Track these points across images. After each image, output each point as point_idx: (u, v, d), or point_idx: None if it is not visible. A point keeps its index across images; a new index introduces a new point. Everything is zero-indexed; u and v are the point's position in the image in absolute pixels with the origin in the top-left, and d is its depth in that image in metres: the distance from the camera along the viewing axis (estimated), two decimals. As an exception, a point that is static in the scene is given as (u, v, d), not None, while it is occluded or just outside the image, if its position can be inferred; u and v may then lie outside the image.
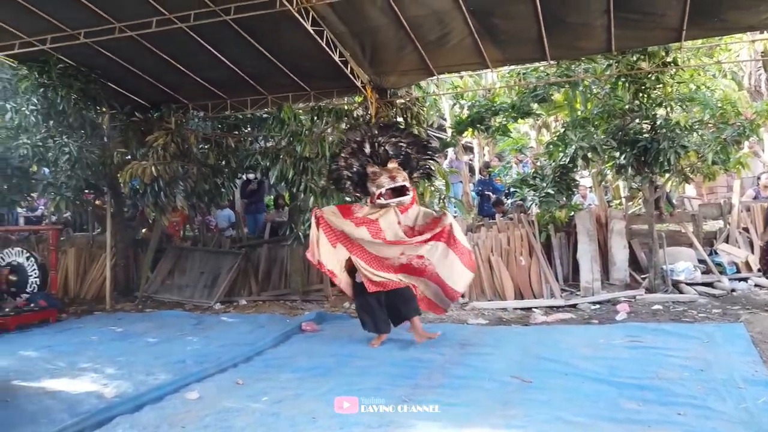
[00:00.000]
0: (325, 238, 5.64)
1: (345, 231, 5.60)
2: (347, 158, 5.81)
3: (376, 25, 6.71)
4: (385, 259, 5.55)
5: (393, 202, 5.57)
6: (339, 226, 5.63)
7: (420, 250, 5.54)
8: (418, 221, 5.71)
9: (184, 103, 9.10)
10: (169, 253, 9.83)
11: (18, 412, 4.13)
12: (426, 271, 5.57)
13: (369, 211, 5.67)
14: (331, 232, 5.65)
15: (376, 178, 5.54)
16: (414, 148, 5.90)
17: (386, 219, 5.59)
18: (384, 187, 5.50)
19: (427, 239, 5.53)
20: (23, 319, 7.43)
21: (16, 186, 8.98)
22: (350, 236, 5.60)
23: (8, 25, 7.10)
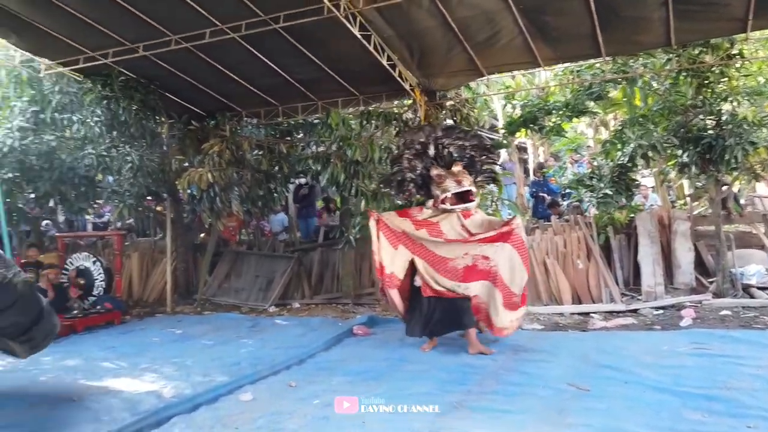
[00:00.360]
0: (386, 241, 5.54)
1: (406, 231, 5.50)
2: (411, 159, 5.73)
3: (424, 27, 6.67)
4: (449, 259, 5.36)
5: (458, 208, 5.45)
6: (399, 226, 5.54)
7: (485, 250, 5.34)
8: (483, 228, 5.52)
9: (237, 110, 9.33)
10: (225, 257, 10.09)
11: (83, 410, 4.31)
12: (490, 273, 5.34)
13: (430, 214, 5.57)
14: (391, 234, 5.55)
15: (442, 182, 5.41)
16: (478, 151, 5.80)
17: (448, 222, 5.47)
18: (450, 191, 5.38)
19: (492, 237, 5.33)
20: (90, 321, 7.78)
21: (83, 194, 9.44)
22: (411, 236, 5.49)
23: (74, 41, 7.48)
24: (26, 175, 9.02)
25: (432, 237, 5.42)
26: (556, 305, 7.47)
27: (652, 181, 10.83)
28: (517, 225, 5.43)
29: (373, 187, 8.18)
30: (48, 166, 8.98)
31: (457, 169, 5.50)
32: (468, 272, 5.35)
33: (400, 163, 5.81)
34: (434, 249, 5.43)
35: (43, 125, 9.14)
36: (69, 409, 4.35)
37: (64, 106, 8.96)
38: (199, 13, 6.58)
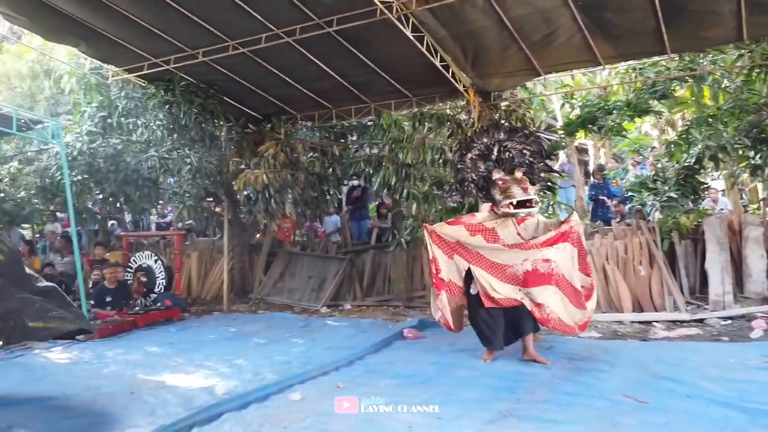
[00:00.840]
0: (440, 251, 5.43)
1: (460, 240, 5.35)
2: (475, 160, 5.59)
3: (478, 27, 6.56)
4: (507, 266, 5.17)
5: (522, 212, 5.24)
6: (453, 236, 5.40)
7: (546, 252, 5.13)
8: (539, 232, 5.33)
9: (292, 114, 9.49)
10: (279, 258, 10.27)
11: (140, 403, 4.46)
12: (553, 275, 5.12)
13: (485, 218, 5.39)
14: (445, 245, 5.43)
15: (506, 187, 5.21)
16: (537, 157, 5.63)
17: (504, 228, 5.29)
18: (515, 199, 5.15)
19: (554, 239, 5.14)
20: (150, 317, 8.08)
21: (146, 195, 9.83)
22: (466, 244, 5.34)
23: (139, 49, 7.81)
24: (94, 176, 9.47)
25: (488, 243, 5.26)
26: (616, 313, 7.18)
27: (722, 184, 10.26)
28: (575, 222, 5.24)
29: (425, 190, 8.14)
30: (114, 168, 9.40)
31: (519, 176, 5.33)
32: (528, 277, 5.13)
33: (464, 162, 5.69)
34: (491, 257, 5.26)
35: (110, 129, 9.59)
36: (127, 401, 4.51)
37: (130, 110, 9.36)
38: (256, 18, 6.73)
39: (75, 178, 9.05)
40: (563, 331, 5.25)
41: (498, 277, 5.17)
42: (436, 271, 5.44)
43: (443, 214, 7.82)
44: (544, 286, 5.09)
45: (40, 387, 4.98)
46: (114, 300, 8.16)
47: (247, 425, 3.90)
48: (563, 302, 5.12)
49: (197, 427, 3.85)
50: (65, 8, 6.80)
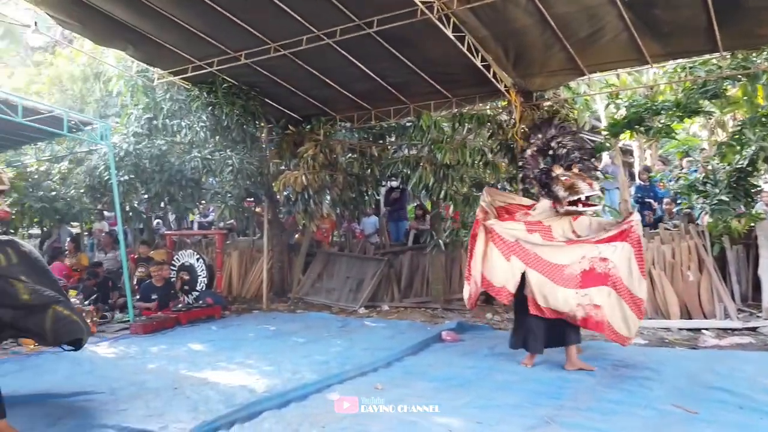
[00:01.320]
0: (498, 252, 5.13)
1: (519, 239, 5.13)
2: (535, 156, 5.45)
3: (520, 26, 6.45)
4: (564, 266, 4.95)
5: (589, 211, 5.13)
6: (512, 234, 5.15)
7: (604, 250, 4.93)
8: (591, 231, 5.17)
9: (332, 115, 9.54)
10: (318, 258, 10.34)
11: (183, 398, 4.55)
12: (609, 276, 4.92)
13: (541, 215, 5.22)
14: (504, 245, 5.13)
15: (571, 183, 5.04)
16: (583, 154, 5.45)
17: (560, 226, 5.15)
18: (583, 194, 4.99)
19: (611, 237, 4.96)
20: (193, 315, 8.24)
21: (189, 195, 10.06)
22: (525, 244, 5.08)
23: (183, 52, 7.99)
24: (140, 176, 9.75)
25: (546, 241, 5.08)
26: (662, 319, 6.95)
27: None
28: (636, 222, 5.03)
29: (464, 191, 8.06)
30: (159, 168, 9.65)
31: (578, 171, 5.16)
32: (585, 277, 4.93)
33: (524, 158, 5.56)
34: (549, 256, 5.02)
35: (156, 131, 9.86)
36: (171, 396, 4.60)
37: (174, 112, 9.59)
38: (297, 21, 6.80)
39: (122, 177, 9.31)
40: (614, 339, 5.00)
41: (554, 280, 4.94)
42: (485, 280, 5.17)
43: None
44: (600, 287, 4.89)
45: (87, 380, 5.13)
46: (159, 297, 8.37)
47: (286, 424, 3.92)
48: (620, 306, 4.90)
49: (238, 423, 3.89)
50: (115, 13, 7.01)
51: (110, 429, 3.85)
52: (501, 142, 7.85)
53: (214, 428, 3.79)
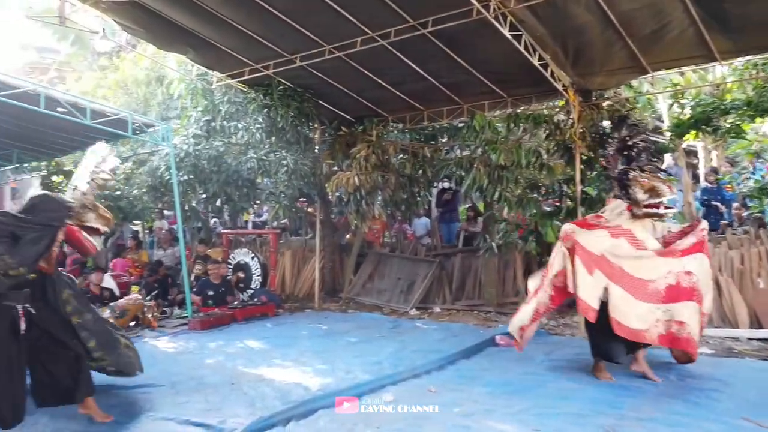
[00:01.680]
0: (582, 266, 4.77)
1: (605, 252, 4.79)
2: (615, 156, 5.32)
3: (580, 23, 6.26)
4: (650, 282, 4.67)
5: (670, 214, 5.01)
6: (598, 246, 4.81)
7: (688, 264, 4.70)
8: (657, 235, 4.97)
9: (384, 116, 9.55)
10: (369, 258, 10.38)
11: (240, 394, 4.66)
12: (694, 292, 4.66)
13: (618, 219, 4.96)
14: (588, 257, 4.78)
15: (652, 185, 4.87)
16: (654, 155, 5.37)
17: (643, 230, 4.93)
18: (665, 197, 4.82)
19: (694, 247, 4.74)
20: (248, 312, 8.42)
21: (245, 195, 10.29)
22: (611, 257, 4.76)
23: (241, 55, 8.17)
24: (199, 177, 10.04)
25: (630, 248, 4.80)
26: (730, 328, 6.61)
27: None
28: (705, 228, 4.83)
29: (518, 193, 7.91)
30: (217, 169, 9.92)
31: (652, 173, 4.97)
32: (671, 292, 4.66)
33: (606, 157, 5.50)
34: (634, 272, 4.71)
35: (214, 132, 10.12)
36: (228, 392, 4.72)
37: (231, 114, 9.82)
38: (352, 22, 6.83)
39: (181, 178, 9.61)
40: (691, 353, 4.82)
41: (637, 296, 4.67)
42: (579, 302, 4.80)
43: (538, 218, 7.57)
44: (685, 302, 4.64)
45: (149, 373, 5.23)
46: (216, 294, 8.60)
47: (340, 423, 3.95)
48: (698, 320, 4.69)
49: (294, 421, 3.95)
50: (177, 19, 7.24)
51: (171, 421, 3.98)
52: (558, 143, 7.65)
53: (271, 424, 3.86)
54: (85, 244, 4.00)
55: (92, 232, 4.06)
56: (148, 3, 6.84)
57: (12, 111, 7.95)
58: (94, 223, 4.04)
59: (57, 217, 3.82)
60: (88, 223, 4.00)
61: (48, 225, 3.74)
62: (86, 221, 4.00)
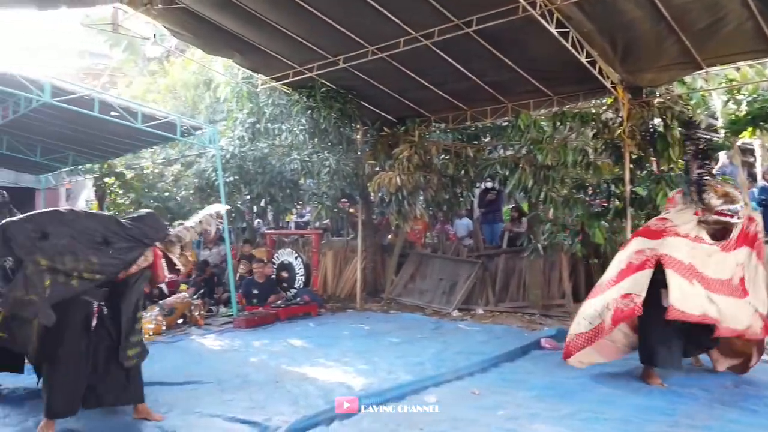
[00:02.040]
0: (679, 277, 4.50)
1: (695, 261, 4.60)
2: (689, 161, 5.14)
3: (630, 18, 6.07)
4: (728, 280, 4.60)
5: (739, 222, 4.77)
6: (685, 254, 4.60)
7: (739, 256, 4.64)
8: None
9: (426, 116, 9.51)
10: (411, 259, 10.36)
11: (284, 392, 4.72)
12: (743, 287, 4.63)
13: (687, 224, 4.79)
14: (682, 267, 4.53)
15: (725, 191, 4.79)
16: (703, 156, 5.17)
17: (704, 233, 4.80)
18: (739, 203, 4.72)
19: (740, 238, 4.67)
20: (291, 311, 8.53)
21: (288, 195, 10.44)
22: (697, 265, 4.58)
23: (285, 58, 8.29)
24: (244, 178, 10.24)
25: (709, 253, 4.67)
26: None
27: None
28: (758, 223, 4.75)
29: (564, 193, 7.75)
30: (261, 170, 10.09)
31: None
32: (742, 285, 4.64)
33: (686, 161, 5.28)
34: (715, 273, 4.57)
35: (258, 134, 10.30)
36: (273, 390, 4.79)
37: (275, 116, 9.97)
38: (395, 23, 6.83)
39: (227, 179, 9.82)
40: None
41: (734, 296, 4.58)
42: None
43: (584, 218, 7.39)
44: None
45: (196, 370, 5.44)
46: (260, 293, 8.75)
47: (384, 423, 3.95)
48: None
49: (338, 420, 3.97)
50: (224, 24, 7.40)
51: (218, 418, 4.05)
52: (606, 142, 7.45)
53: (315, 423, 3.89)
54: (159, 271, 4.09)
55: (170, 266, 4.15)
56: (197, 9, 7.02)
57: (68, 115, 8.31)
58: (176, 259, 4.14)
59: (153, 236, 3.97)
60: (171, 255, 4.10)
61: (141, 240, 3.88)
62: (172, 252, 4.11)
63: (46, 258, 3.45)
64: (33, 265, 3.41)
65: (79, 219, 3.76)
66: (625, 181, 7.09)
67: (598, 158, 7.73)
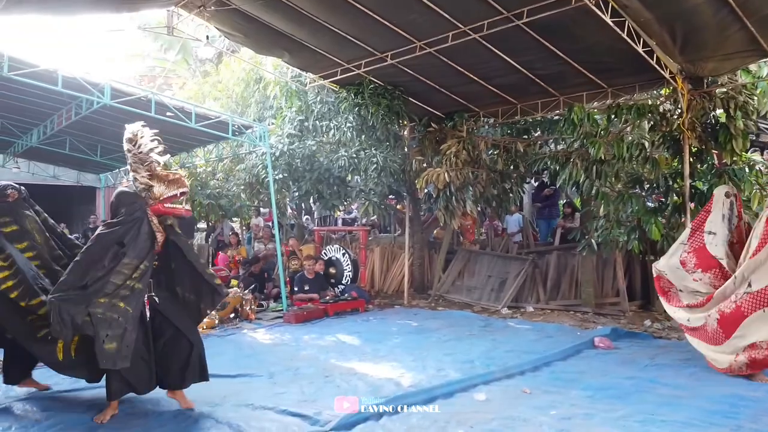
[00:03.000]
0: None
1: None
2: None
3: (691, 6, 5.79)
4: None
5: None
6: None
7: None
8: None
9: (475, 111, 9.40)
10: (459, 256, 10.26)
11: (333, 387, 4.76)
12: None
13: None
14: None
15: None
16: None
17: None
18: None
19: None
20: (339, 307, 8.60)
21: (336, 192, 10.51)
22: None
23: (334, 56, 8.35)
24: (292, 175, 10.38)
25: None
26: None
27: None
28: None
29: (619, 188, 7.51)
30: (309, 167, 10.20)
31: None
32: None
33: None
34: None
35: (307, 132, 10.42)
36: (322, 384, 4.84)
37: (323, 114, 10.07)
38: (443, 17, 6.76)
39: (277, 176, 9.97)
40: None
41: None
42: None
43: (641, 214, 7.13)
44: None
45: (249, 363, 5.56)
46: (311, 289, 8.86)
47: (433, 420, 3.93)
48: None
49: (387, 416, 3.97)
50: (273, 23, 7.51)
51: (270, 411, 4.12)
52: (664, 135, 7.16)
53: (364, 418, 3.91)
54: (175, 213, 4.07)
55: (175, 199, 4.06)
56: (247, 9, 7.15)
57: (126, 116, 8.59)
58: (170, 192, 4.03)
59: (135, 208, 3.90)
60: (165, 196, 4.01)
61: (133, 219, 3.86)
62: (162, 195, 4.00)
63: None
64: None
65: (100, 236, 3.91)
66: (684, 175, 6.80)
67: (656, 152, 7.44)
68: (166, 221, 4.05)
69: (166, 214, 4.05)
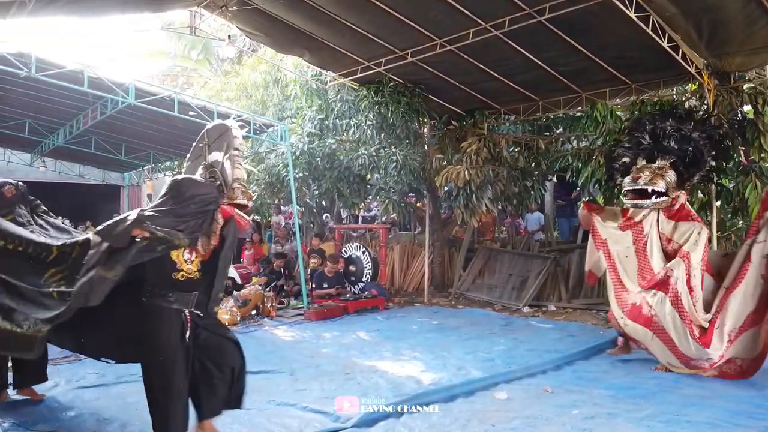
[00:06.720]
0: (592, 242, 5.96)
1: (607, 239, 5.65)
2: (626, 148, 5.74)
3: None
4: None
5: (629, 204, 5.37)
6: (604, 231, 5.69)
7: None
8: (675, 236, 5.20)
9: (496, 108, 9.34)
10: (479, 254, 10.21)
11: (354, 384, 4.79)
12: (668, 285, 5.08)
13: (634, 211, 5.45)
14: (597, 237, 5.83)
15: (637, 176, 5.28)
16: (708, 145, 5.49)
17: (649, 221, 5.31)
18: (624, 188, 5.38)
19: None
20: (358, 305, 8.62)
21: (356, 190, 10.54)
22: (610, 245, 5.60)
23: (354, 54, 8.36)
24: (312, 174, 10.43)
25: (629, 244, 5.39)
26: None
27: None
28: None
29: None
30: (329, 166, 10.25)
31: (658, 164, 5.27)
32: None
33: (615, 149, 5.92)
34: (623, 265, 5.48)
35: (326, 130, 10.46)
36: (343, 381, 4.87)
37: (343, 112, 10.08)
38: (464, 14, 6.72)
39: (297, 175, 10.04)
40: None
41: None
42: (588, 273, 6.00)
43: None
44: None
45: (270, 359, 5.61)
46: (330, 287, 8.90)
47: (454, 418, 3.93)
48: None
49: (408, 414, 3.98)
50: (294, 22, 7.55)
51: (292, 407, 4.16)
52: (689, 131, 7.04)
53: (385, 415, 3.92)
54: (240, 221, 3.70)
55: (241, 209, 3.72)
56: (268, 8, 7.20)
57: (149, 115, 8.77)
58: (242, 200, 3.68)
59: (210, 200, 3.47)
60: (237, 200, 3.64)
61: (203, 211, 3.42)
62: (236, 198, 3.64)
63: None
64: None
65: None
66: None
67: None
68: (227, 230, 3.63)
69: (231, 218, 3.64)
